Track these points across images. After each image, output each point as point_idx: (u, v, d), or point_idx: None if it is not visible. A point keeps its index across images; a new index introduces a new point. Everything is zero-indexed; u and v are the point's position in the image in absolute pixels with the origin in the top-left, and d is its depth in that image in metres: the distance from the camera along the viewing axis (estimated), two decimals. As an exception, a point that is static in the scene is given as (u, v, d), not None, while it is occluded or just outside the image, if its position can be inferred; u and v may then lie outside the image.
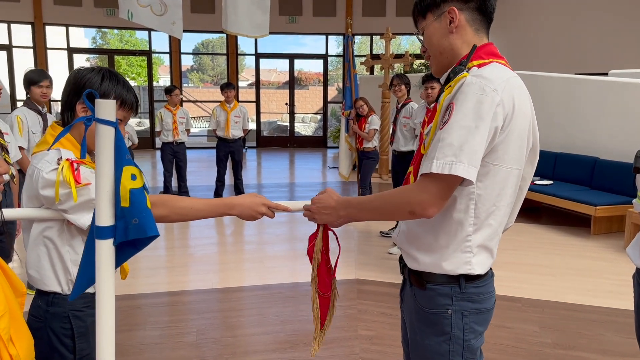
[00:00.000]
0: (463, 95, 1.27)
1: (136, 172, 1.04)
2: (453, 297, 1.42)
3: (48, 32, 12.42)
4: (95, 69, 1.59)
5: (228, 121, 6.87)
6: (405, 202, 1.31)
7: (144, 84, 17.62)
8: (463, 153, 1.23)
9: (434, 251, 1.41)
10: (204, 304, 3.92)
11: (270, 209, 1.60)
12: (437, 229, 1.40)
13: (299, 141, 14.96)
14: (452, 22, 1.42)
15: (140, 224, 1.04)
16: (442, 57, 1.46)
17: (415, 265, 1.46)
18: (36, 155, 1.54)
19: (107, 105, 0.98)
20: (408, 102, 5.65)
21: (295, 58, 14.83)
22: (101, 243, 1.03)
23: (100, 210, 1.02)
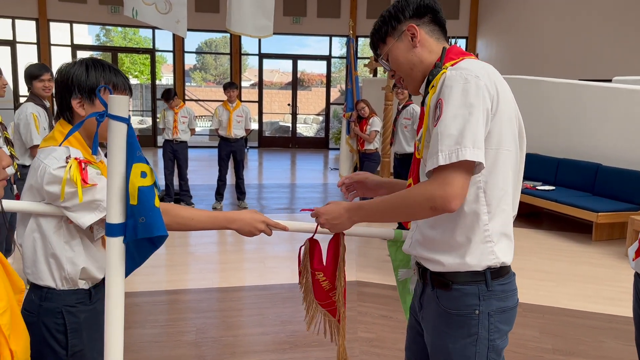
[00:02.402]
0: (448, 89, 1.30)
1: (147, 170, 1.03)
2: (480, 297, 1.40)
3: (52, 28, 12.43)
4: (77, 62, 1.59)
5: (230, 120, 6.87)
6: (426, 197, 1.28)
7: (146, 82, 17.63)
8: (465, 138, 1.24)
9: (455, 249, 1.40)
10: (204, 302, 3.91)
11: (268, 226, 1.63)
12: (452, 226, 1.39)
13: (301, 142, 14.96)
14: (413, 37, 1.47)
15: (147, 223, 1.03)
16: (414, 71, 1.49)
17: (439, 268, 1.43)
18: (43, 149, 1.54)
19: (119, 100, 0.98)
20: (409, 104, 5.66)
21: (298, 59, 14.84)
22: (111, 240, 1.03)
23: (110, 207, 1.02)
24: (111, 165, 1.00)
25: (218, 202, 7.04)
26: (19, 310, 1.06)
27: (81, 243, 1.56)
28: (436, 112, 1.31)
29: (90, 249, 1.58)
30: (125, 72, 19.36)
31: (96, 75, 1.56)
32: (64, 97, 1.58)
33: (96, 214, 1.48)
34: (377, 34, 1.54)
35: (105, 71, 1.58)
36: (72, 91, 1.56)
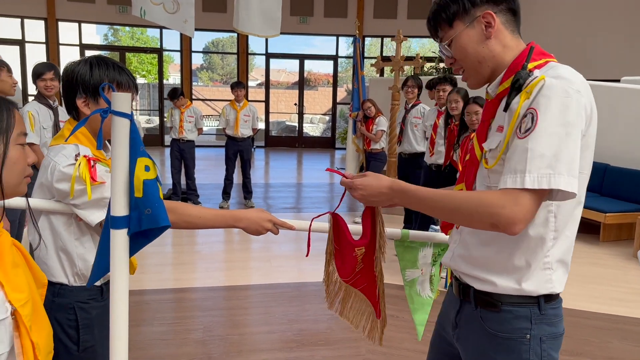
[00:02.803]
0: (545, 100, 1.14)
1: (150, 164, 1.06)
2: (532, 320, 1.28)
3: (61, 28, 12.51)
4: (82, 61, 1.59)
5: (237, 120, 6.89)
6: (490, 212, 1.14)
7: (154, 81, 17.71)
8: (560, 163, 1.11)
9: (510, 272, 1.28)
10: (210, 301, 3.94)
11: (275, 225, 1.63)
12: (512, 248, 1.27)
13: (307, 142, 14.98)
14: (488, 26, 1.29)
15: (153, 214, 1.06)
16: (482, 66, 1.33)
17: (488, 288, 1.32)
18: (53, 147, 1.56)
19: (122, 97, 1.00)
20: (418, 104, 5.67)
21: (305, 59, 14.85)
22: (116, 233, 1.05)
23: (115, 200, 1.04)
24: (115, 159, 1.03)
25: (225, 201, 7.06)
26: (41, 304, 1.09)
27: (91, 239, 1.58)
28: (525, 122, 1.16)
29: None
30: (133, 71, 19.46)
31: (100, 74, 1.56)
32: (69, 96, 1.59)
33: (104, 212, 1.50)
34: (442, 13, 1.34)
35: (109, 69, 1.58)
36: (77, 90, 1.56)
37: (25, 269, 1.07)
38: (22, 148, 1.06)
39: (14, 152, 1.03)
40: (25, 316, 1.00)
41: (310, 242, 1.65)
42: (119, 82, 1.58)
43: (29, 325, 1.00)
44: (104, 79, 1.55)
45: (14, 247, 1.04)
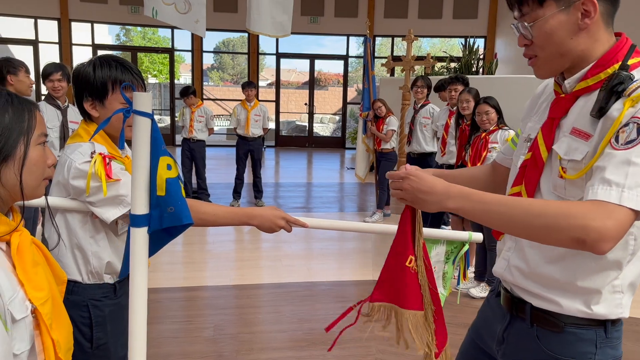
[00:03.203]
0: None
1: (171, 162, 1.07)
2: (597, 344, 1.18)
3: (73, 28, 12.62)
4: (87, 62, 1.59)
5: (248, 120, 6.92)
6: (577, 224, 0.98)
7: (165, 81, 17.82)
8: None
9: (579, 294, 1.18)
10: (221, 299, 3.96)
11: (288, 223, 1.63)
12: (583, 268, 1.16)
13: (318, 141, 14.98)
14: (586, 16, 1.11)
15: (176, 212, 1.07)
16: (563, 59, 1.17)
17: (552, 307, 1.21)
18: (70, 145, 1.58)
19: (142, 97, 1.01)
20: (427, 104, 5.66)
21: (316, 58, 14.86)
22: (136, 231, 1.06)
23: (135, 199, 1.05)
24: (136, 158, 1.04)
25: (235, 200, 7.09)
26: (61, 301, 1.10)
27: (106, 237, 1.60)
28: (627, 132, 1.02)
29: (115, 243, 1.62)
30: (144, 71, 19.60)
31: (102, 75, 1.56)
32: (78, 98, 1.60)
33: (120, 209, 1.51)
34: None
35: (112, 69, 1.57)
36: (84, 93, 1.57)
37: (45, 267, 1.08)
38: (42, 149, 1.06)
39: (34, 154, 1.03)
40: (45, 314, 1.01)
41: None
42: (122, 81, 1.58)
43: (49, 324, 1.02)
44: (106, 80, 1.55)
45: (33, 245, 1.06)
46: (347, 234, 6.06)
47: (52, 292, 1.06)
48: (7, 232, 1.01)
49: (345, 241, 5.79)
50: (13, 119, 1.00)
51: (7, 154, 0.99)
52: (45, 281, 1.05)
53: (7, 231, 1.01)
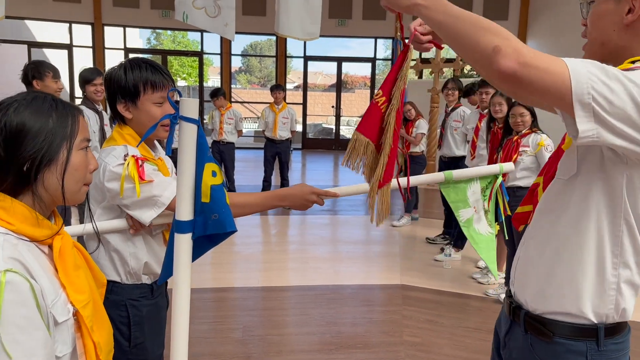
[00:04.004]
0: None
1: (216, 169, 1.07)
2: (589, 356, 1.16)
3: (106, 32, 12.91)
4: (117, 66, 1.63)
5: (276, 122, 6.95)
6: (506, 42, 0.98)
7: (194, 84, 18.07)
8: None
9: (568, 290, 1.18)
10: (249, 301, 3.98)
11: (319, 196, 1.63)
12: (573, 259, 1.18)
13: (344, 144, 14.91)
14: (630, 11, 1.10)
15: (220, 220, 1.07)
16: (602, 49, 1.16)
17: (539, 307, 1.22)
18: (104, 149, 1.62)
19: (190, 103, 1.02)
20: (458, 107, 5.59)
21: (343, 61, 14.86)
22: (180, 237, 1.07)
23: (180, 205, 1.06)
24: (181, 164, 1.05)
25: (263, 202, 7.12)
26: (101, 304, 1.11)
27: (142, 238, 1.63)
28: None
29: (151, 244, 1.65)
30: (174, 74, 19.93)
31: (134, 77, 1.59)
32: (111, 101, 1.63)
33: (155, 210, 1.54)
34: None
35: (142, 71, 1.59)
36: (117, 95, 1.60)
37: (86, 270, 1.10)
38: (84, 154, 1.08)
39: (76, 158, 1.05)
40: (87, 317, 1.03)
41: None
42: (153, 82, 1.60)
43: (90, 326, 1.03)
44: (138, 82, 1.58)
45: (74, 248, 1.08)
46: (374, 237, 6.03)
47: (93, 295, 1.08)
48: (50, 236, 1.03)
49: (372, 244, 5.76)
50: (57, 123, 1.02)
51: (50, 158, 1.01)
52: (86, 284, 1.07)
53: (49, 235, 1.03)
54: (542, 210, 1.26)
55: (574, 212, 1.15)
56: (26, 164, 0.99)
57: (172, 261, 1.19)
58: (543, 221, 1.24)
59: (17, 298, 0.90)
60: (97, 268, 1.16)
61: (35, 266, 0.97)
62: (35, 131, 1.00)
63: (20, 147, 0.99)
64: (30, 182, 1.01)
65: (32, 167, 1.00)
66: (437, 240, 5.52)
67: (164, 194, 1.53)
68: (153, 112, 1.60)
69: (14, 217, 0.99)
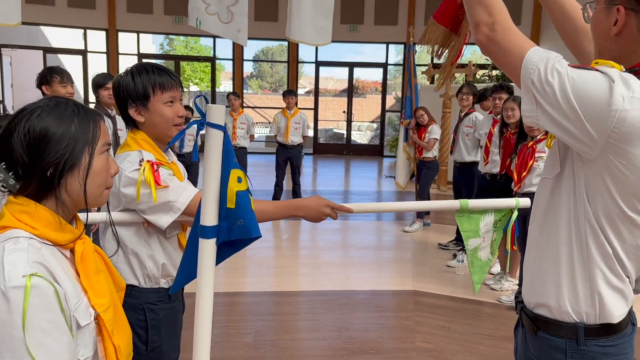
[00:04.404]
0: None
1: (242, 175, 1.08)
2: (568, 354, 1.19)
3: (120, 38, 13.06)
4: (124, 73, 1.66)
5: (288, 127, 6.98)
6: (498, 19, 1.20)
7: (206, 89, 18.19)
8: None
9: (551, 288, 1.25)
10: (261, 306, 3.99)
11: (334, 210, 1.63)
12: (555, 258, 1.24)
13: (355, 149, 14.96)
14: (616, 23, 1.15)
15: (245, 225, 1.08)
16: (601, 57, 1.20)
17: (530, 301, 1.29)
18: (119, 155, 1.64)
19: (216, 110, 1.02)
20: (471, 112, 5.57)
21: (355, 66, 14.87)
22: (205, 242, 1.08)
23: (205, 210, 1.07)
24: (207, 170, 1.06)
25: (274, 207, 7.14)
26: (120, 307, 1.13)
27: (158, 240, 1.65)
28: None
29: (166, 246, 1.66)
30: (186, 79, 20.07)
31: (142, 81, 1.62)
32: (122, 108, 1.66)
33: (171, 215, 1.55)
34: None
35: (149, 74, 1.63)
36: (127, 101, 1.63)
37: (107, 274, 1.11)
38: (105, 158, 1.09)
39: (98, 163, 1.07)
40: (108, 321, 1.04)
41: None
42: (161, 84, 1.63)
43: (110, 330, 1.04)
44: (146, 85, 1.61)
45: (95, 252, 1.09)
46: (386, 243, 6.02)
47: (113, 299, 1.09)
48: (72, 240, 1.04)
49: (384, 250, 5.75)
50: (79, 129, 1.04)
51: (72, 163, 1.03)
52: (107, 288, 1.08)
53: (72, 239, 1.04)
54: (534, 208, 1.33)
55: (551, 209, 1.21)
56: (49, 169, 1.01)
57: (189, 266, 1.20)
58: (533, 218, 1.31)
59: (42, 302, 0.92)
60: (117, 272, 1.17)
61: (58, 270, 0.99)
62: (58, 137, 1.01)
63: (43, 153, 1.00)
64: (53, 187, 1.02)
65: (56, 172, 1.01)
66: (449, 246, 5.49)
67: (179, 199, 1.55)
68: (165, 112, 1.64)
69: (38, 222, 1.01)
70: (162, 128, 1.65)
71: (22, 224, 1.00)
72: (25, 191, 1.02)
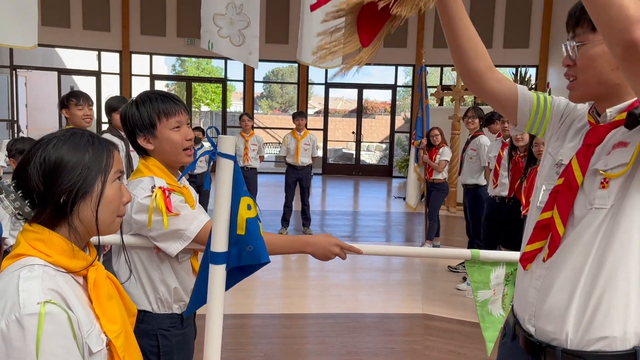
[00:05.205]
0: None
1: (251, 203, 1.11)
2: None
3: (133, 59, 13.29)
4: (129, 104, 1.70)
5: (298, 149, 7.02)
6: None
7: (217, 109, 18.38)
8: None
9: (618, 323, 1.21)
10: (270, 328, 3.97)
11: (342, 250, 1.65)
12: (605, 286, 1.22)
13: (364, 169, 14.98)
14: None
15: (255, 251, 1.11)
16: (599, 88, 1.20)
17: (595, 346, 1.20)
18: (132, 182, 1.67)
19: (227, 140, 1.06)
20: (478, 135, 5.58)
21: (364, 88, 14.99)
22: (215, 268, 1.10)
23: (216, 237, 1.09)
24: (218, 198, 1.08)
25: (284, 228, 7.16)
26: (132, 333, 1.14)
27: (169, 264, 1.66)
28: None
29: (179, 271, 1.68)
30: (197, 100, 20.33)
31: (147, 110, 1.66)
32: (131, 138, 1.70)
33: (181, 243, 1.58)
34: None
35: (153, 102, 1.66)
36: (135, 131, 1.67)
37: (119, 300, 1.13)
38: (118, 186, 1.12)
39: (110, 191, 1.10)
40: (119, 347, 1.06)
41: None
42: (166, 110, 1.66)
43: (122, 356, 1.06)
44: (151, 113, 1.65)
45: (108, 279, 1.11)
46: (395, 265, 5.99)
47: (125, 325, 1.11)
48: (85, 267, 1.07)
49: (393, 272, 5.71)
50: (92, 158, 1.07)
51: (85, 191, 1.05)
52: (119, 314, 1.10)
53: (84, 266, 1.06)
54: (574, 241, 1.22)
55: (617, 238, 1.16)
56: (63, 196, 1.03)
57: (201, 291, 1.21)
58: (575, 251, 1.21)
59: (55, 329, 0.94)
60: (128, 298, 1.19)
61: (72, 297, 1.01)
62: (72, 165, 1.04)
63: (57, 181, 1.03)
64: (66, 214, 1.05)
65: (69, 199, 1.04)
66: (459, 268, 5.46)
67: (189, 228, 1.57)
68: (173, 138, 1.66)
69: (52, 249, 1.03)
70: (171, 154, 1.68)
71: (37, 251, 1.02)
72: (39, 218, 1.05)
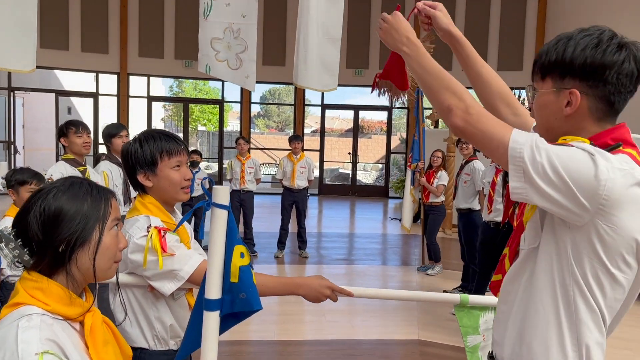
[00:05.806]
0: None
1: (244, 251, 1.14)
2: None
3: (131, 81, 13.38)
4: (132, 140, 1.74)
5: (294, 172, 7.06)
6: (463, 104, 1.24)
7: (214, 129, 18.47)
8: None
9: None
10: (266, 355, 3.96)
11: (334, 292, 1.67)
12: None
13: (361, 190, 15.02)
14: (569, 104, 1.23)
15: (247, 299, 1.14)
16: (548, 134, 1.25)
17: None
18: (128, 220, 1.70)
19: (221, 191, 1.09)
20: (472, 160, 5.63)
21: (360, 109, 15.11)
22: (209, 314, 1.13)
23: (210, 284, 1.12)
24: (212, 246, 1.11)
25: (280, 250, 7.15)
26: None
27: (165, 303, 1.68)
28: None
29: (174, 308, 1.70)
30: (194, 120, 20.45)
31: (150, 148, 1.70)
32: (131, 173, 1.73)
33: (175, 283, 1.60)
34: (545, 61, 1.27)
35: (157, 141, 1.71)
36: (136, 167, 1.70)
37: (114, 344, 1.15)
38: (115, 233, 1.15)
39: (107, 238, 1.13)
40: None
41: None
42: (168, 150, 1.71)
43: None
44: (154, 151, 1.69)
45: (104, 324, 1.13)
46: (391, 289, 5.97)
47: None
48: (82, 314, 1.09)
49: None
50: (91, 207, 1.10)
51: (83, 240, 1.08)
52: (114, 357, 1.11)
53: (81, 312, 1.09)
54: (510, 278, 1.36)
55: (535, 275, 1.25)
56: (62, 245, 1.06)
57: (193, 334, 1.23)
58: (510, 287, 1.34)
59: None
60: (124, 341, 1.20)
61: (69, 345, 1.03)
62: (71, 215, 1.07)
63: (57, 230, 1.06)
64: (64, 262, 1.07)
65: (67, 248, 1.07)
66: (455, 292, 5.46)
67: (183, 268, 1.60)
68: (172, 177, 1.71)
69: (50, 298, 1.05)
70: (170, 192, 1.72)
71: (35, 300, 1.04)
72: (38, 266, 1.08)
